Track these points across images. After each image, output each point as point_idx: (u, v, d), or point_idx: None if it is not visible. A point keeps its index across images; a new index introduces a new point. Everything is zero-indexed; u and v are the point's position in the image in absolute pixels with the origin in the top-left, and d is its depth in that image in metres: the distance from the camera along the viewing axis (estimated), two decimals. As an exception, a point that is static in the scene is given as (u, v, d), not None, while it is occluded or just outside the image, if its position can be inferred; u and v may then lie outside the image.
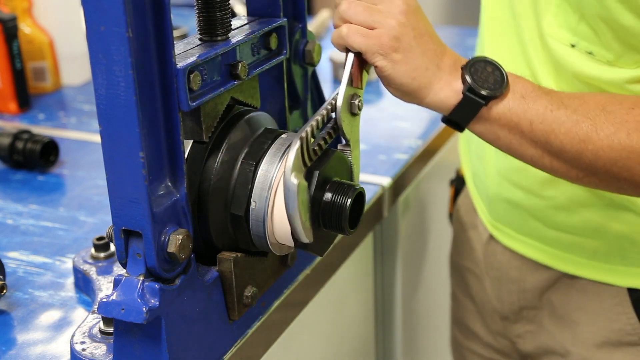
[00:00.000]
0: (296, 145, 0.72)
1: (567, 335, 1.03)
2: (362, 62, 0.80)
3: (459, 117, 0.79)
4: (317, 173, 0.74)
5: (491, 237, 1.09)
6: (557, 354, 1.04)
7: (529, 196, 0.99)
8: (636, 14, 0.81)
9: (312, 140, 0.74)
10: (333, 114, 0.78)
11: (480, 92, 0.77)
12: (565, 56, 0.89)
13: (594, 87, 0.89)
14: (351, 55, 0.79)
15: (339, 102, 0.77)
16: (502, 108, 0.78)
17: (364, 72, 0.81)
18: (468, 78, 0.78)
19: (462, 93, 0.78)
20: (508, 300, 1.08)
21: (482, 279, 1.12)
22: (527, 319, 1.07)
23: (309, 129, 0.74)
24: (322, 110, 0.77)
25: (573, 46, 0.88)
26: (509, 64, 0.92)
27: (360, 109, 0.79)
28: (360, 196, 0.76)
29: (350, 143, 0.79)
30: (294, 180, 0.71)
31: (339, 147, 0.80)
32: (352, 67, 0.79)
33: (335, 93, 0.79)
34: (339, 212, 0.74)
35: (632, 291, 0.97)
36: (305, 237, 0.73)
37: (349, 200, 0.74)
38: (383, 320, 1.26)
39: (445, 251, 1.30)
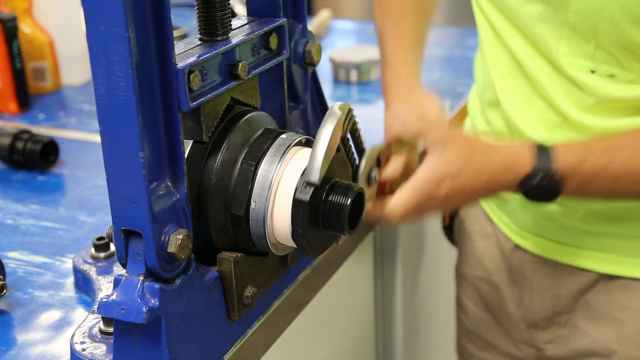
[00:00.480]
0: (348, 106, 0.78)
1: (610, 335, 1.01)
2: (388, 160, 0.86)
3: None
4: (339, 154, 0.75)
5: (516, 247, 1.07)
6: (598, 355, 1.02)
7: (566, 208, 0.98)
8: None
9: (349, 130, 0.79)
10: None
11: (537, 201, 0.86)
12: (587, 82, 0.89)
13: (618, 108, 0.89)
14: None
15: (362, 166, 0.83)
16: (566, 195, 0.87)
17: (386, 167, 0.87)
18: (523, 194, 0.87)
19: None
20: (539, 307, 1.07)
21: (500, 288, 1.11)
22: (560, 323, 1.06)
23: (356, 117, 0.80)
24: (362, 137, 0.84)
25: (593, 72, 0.89)
26: (523, 102, 0.96)
27: (376, 181, 0.85)
28: (360, 196, 0.77)
29: None
30: (339, 109, 0.76)
31: None
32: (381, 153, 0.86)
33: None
34: (338, 212, 0.74)
35: None
36: (317, 173, 0.73)
37: (349, 200, 0.74)
38: (383, 320, 1.26)
39: (445, 251, 1.29)
